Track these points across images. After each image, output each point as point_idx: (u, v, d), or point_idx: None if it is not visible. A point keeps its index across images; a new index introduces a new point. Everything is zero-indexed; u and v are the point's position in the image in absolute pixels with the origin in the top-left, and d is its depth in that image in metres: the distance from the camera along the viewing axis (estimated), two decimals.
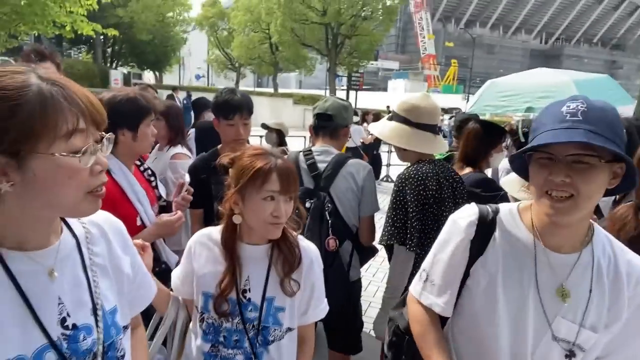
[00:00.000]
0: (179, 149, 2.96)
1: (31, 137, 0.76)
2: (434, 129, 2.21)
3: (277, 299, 1.44)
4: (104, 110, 0.86)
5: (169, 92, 16.01)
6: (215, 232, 1.52)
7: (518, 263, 1.09)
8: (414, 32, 69.19)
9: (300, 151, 2.36)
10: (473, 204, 1.20)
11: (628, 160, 0.94)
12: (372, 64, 47.93)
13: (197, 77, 52.52)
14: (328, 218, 2.14)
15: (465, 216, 1.18)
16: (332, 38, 30.96)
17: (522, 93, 3.81)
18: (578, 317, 1.04)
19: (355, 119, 9.43)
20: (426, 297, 1.27)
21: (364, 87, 36.35)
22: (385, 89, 69.71)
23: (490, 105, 3.75)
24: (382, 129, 2.28)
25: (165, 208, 2.11)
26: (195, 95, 17.15)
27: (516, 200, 1.70)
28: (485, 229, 1.13)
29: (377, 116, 9.92)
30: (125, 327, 1.01)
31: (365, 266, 3.28)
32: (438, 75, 67.32)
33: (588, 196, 0.95)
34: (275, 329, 1.44)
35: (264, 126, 4.82)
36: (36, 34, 10.79)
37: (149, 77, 35.74)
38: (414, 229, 2.01)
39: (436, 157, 3.31)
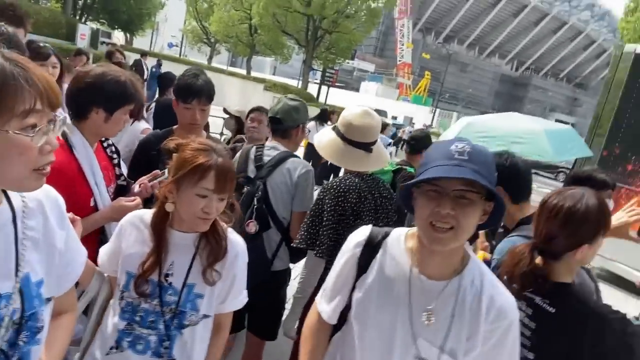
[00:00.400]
0: (144, 124, 2.92)
1: None
2: (366, 147, 2.25)
3: (197, 286, 1.50)
4: (60, 93, 0.91)
5: (138, 56, 15.53)
6: (148, 214, 1.56)
7: (393, 284, 1.18)
8: (394, 38, 69.88)
9: (255, 145, 2.53)
10: (370, 225, 1.31)
11: (499, 200, 1.07)
12: (348, 62, 48.07)
13: (170, 45, 50.92)
14: (255, 203, 2.31)
15: (357, 236, 1.30)
16: (312, 30, 30.83)
17: (498, 136, 3.97)
18: (438, 341, 1.12)
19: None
20: (319, 303, 1.40)
21: (337, 84, 36.45)
22: (357, 90, 70.06)
23: None
24: (321, 139, 2.35)
25: (125, 187, 2.08)
26: (165, 65, 16.71)
27: None
28: (370, 249, 1.24)
29: None
30: (49, 299, 1.04)
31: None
32: (410, 84, 68.36)
33: (466, 229, 1.05)
34: (191, 315, 1.50)
35: (225, 111, 4.80)
36: None
37: (118, 37, 34.32)
38: (325, 236, 2.12)
39: (387, 169, 3.41)
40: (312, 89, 32.38)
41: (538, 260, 1.43)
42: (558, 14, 76.84)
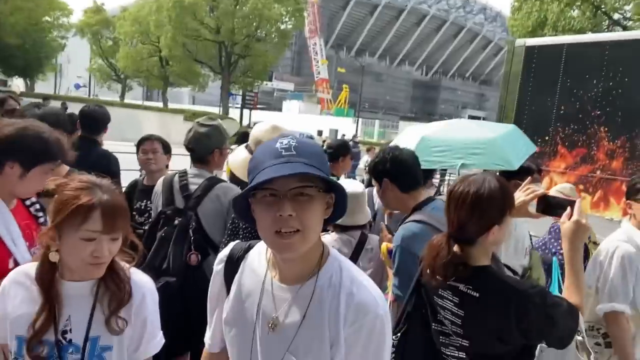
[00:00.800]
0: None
1: None
2: None
3: (102, 338, 1.34)
4: None
5: (39, 101, 14.56)
6: (33, 268, 1.37)
7: (247, 297, 1.10)
8: (308, 56, 71.41)
9: (177, 173, 2.53)
10: (236, 241, 1.24)
11: (340, 189, 1.00)
12: (266, 84, 48.37)
13: (77, 86, 48.43)
14: (192, 235, 2.31)
15: (221, 254, 1.23)
16: (225, 56, 30.70)
17: (454, 149, 3.99)
18: (283, 347, 1.02)
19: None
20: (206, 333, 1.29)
21: (259, 106, 36.42)
22: (280, 109, 70.54)
23: (426, 160, 3.82)
24: (235, 159, 2.36)
25: None
26: (74, 107, 15.79)
27: None
28: (231, 265, 1.17)
29: None
30: None
31: None
32: (331, 98, 69.98)
33: (312, 228, 0.97)
34: None
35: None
36: None
37: (18, 84, 32.13)
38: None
39: None
40: (234, 113, 32.10)
41: (455, 248, 1.46)
42: (455, 20, 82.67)
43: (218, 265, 1.21)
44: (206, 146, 2.46)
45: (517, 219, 1.80)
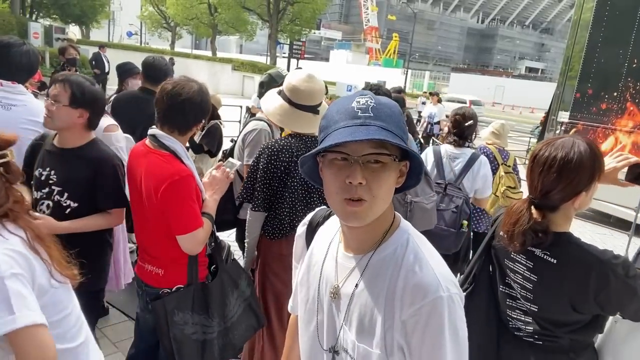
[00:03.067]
0: (108, 119, 2.71)
1: None
2: (313, 109, 2.33)
3: None
4: None
5: (96, 49, 14.92)
6: None
7: (317, 262, 1.08)
8: (357, 2, 68.85)
9: None
10: (323, 207, 1.22)
11: (416, 157, 0.92)
12: (314, 32, 47.28)
13: (129, 34, 49.20)
14: None
15: (304, 219, 1.23)
16: (273, 3, 30.09)
17: None
18: (341, 317, 0.99)
19: None
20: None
21: (306, 56, 35.88)
22: (327, 59, 69.28)
23: None
24: (268, 105, 2.39)
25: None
26: (127, 55, 16.15)
27: None
28: (311, 229, 1.16)
29: None
30: None
31: None
32: (379, 48, 67.85)
33: (381, 198, 0.90)
34: None
35: None
36: None
37: (74, 31, 33.02)
38: (260, 192, 2.25)
39: None
40: (281, 63, 31.84)
41: (535, 213, 1.39)
42: None
43: (300, 228, 1.22)
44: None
45: None
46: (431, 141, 10.85)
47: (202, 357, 1.91)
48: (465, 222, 2.90)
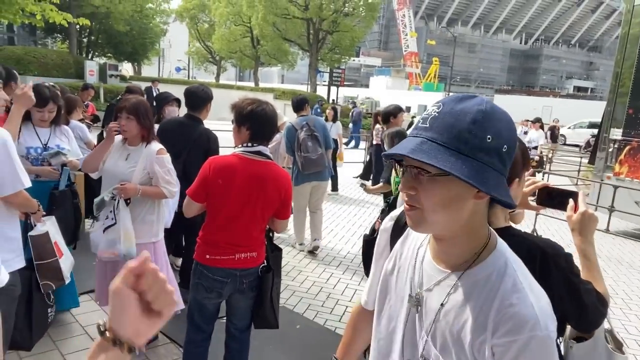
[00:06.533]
0: (158, 144, 2.89)
1: None
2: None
3: None
4: None
5: (147, 84, 15.75)
6: None
7: (404, 263, 1.06)
8: (396, 29, 69.41)
9: None
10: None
11: (457, 176, 0.79)
12: (354, 60, 47.90)
13: (177, 69, 51.72)
14: None
15: (392, 214, 1.21)
16: (313, 33, 30.83)
17: None
18: (424, 329, 0.96)
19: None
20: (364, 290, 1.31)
21: (345, 83, 36.34)
22: (367, 85, 69.78)
23: None
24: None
25: None
26: (174, 88, 16.92)
27: None
28: (399, 227, 1.13)
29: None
30: None
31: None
32: (419, 72, 67.73)
33: (432, 209, 0.85)
34: None
35: None
36: (6, 23, 10.44)
37: (127, 68, 35.04)
38: None
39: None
40: (322, 91, 32.34)
41: None
42: None
43: (388, 223, 1.19)
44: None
45: None
46: None
47: (277, 306, 2.58)
48: None
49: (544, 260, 1.26)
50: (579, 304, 1.28)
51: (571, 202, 1.42)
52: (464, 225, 0.88)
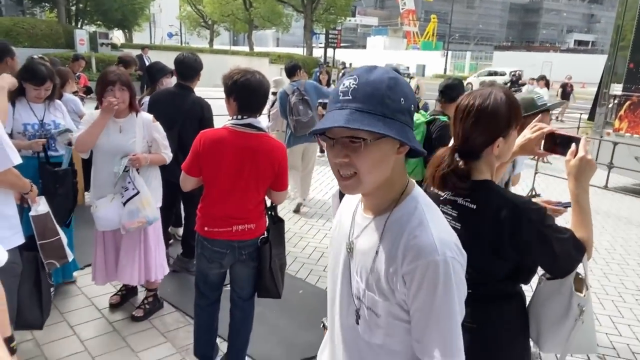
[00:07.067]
0: (146, 113, 3.06)
1: None
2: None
3: None
4: None
5: (139, 52, 15.42)
6: None
7: (344, 220, 1.17)
8: None
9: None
10: None
11: (392, 137, 0.91)
12: (349, 20, 46.76)
13: (170, 35, 50.58)
14: None
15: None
16: None
17: None
18: (363, 276, 1.06)
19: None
20: None
21: (342, 44, 35.57)
22: (364, 46, 68.41)
23: None
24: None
25: None
26: (167, 55, 16.58)
27: None
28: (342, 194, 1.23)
29: None
30: None
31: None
32: (417, 31, 66.30)
33: (368, 171, 0.95)
34: None
35: None
36: None
37: (118, 35, 34.28)
38: None
39: (419, 120, 3.35)
40: (318, 53, 31.74)
41: (460, 163, 1.46)
42: None
43: (336, 187, 1.33)
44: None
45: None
46: None
47: (283, 276, 2.61)
48: None
49: (515, 212, 1.34)
50: (549, 253, 1.36)
51: (573, 146, 1.45)
52: (388, 178, 1.01)
